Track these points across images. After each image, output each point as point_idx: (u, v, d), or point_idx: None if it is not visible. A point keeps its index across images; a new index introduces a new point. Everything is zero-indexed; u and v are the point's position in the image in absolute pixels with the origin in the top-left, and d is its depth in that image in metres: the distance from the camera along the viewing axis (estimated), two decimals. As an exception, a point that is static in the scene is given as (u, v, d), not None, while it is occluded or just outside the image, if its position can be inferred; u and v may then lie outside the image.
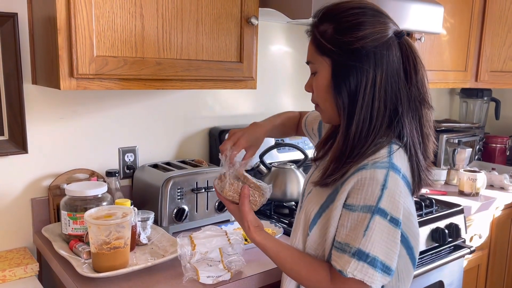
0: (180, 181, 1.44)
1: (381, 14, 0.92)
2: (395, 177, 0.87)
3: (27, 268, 1.32)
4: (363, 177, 0.87)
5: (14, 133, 1.38)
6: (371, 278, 0.86)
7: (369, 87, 0.88)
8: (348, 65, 0.89)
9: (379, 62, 0.88)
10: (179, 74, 1.32)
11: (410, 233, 0.96)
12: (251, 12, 1.43)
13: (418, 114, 0.93)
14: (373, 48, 0.88)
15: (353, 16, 0.89)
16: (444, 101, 2.91)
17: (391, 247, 0.87)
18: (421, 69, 0.93)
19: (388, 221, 0.86)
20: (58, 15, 1.10)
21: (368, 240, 0.86)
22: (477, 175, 2.05)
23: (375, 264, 0.86)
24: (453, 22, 2.15)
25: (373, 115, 0.89)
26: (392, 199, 0.86)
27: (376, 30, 0.88)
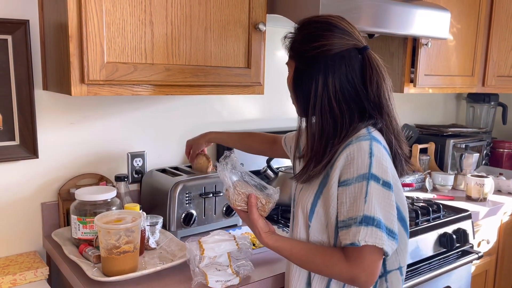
0: (188, 186, 1.45)
1: (343, 29, 1.01)
2: (378, 146, 0.96)
3: (37, 272, 1.33)
4: (351, 151, 0.95)
5: (25, 138, 1.40)
6: (381, 240, 0.91)
7: (319, 90, 0.99)
8: (303, 70, 1.03)
9: (329, 70, 0.98)
10: (188, 80, 1.33)
11: (401, 202, 1.03)
12: (259, 19, 1.44)
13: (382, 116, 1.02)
14: (323, 58, 0.99)
15: (313, 28, 1.02)
16: (451, 106, 2.91)
17: (389, 209, 0.94)
18: (378, 79, 1.00)
19: (381, 185, 0.93)
20: (70, 23, 1.12)
21: (370, 204, 0.92)
22: (484, 180, 2.05)
23: (380, 226, 0.91)
24: (459, 27, 2.16)
25: (335, 112, 0.99)
26: (380, 165, 0.94)
27: (330, 43, 0.99)
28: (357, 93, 1.00)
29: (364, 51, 1.01)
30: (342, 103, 0.99)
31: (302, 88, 1.03)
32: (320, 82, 0.99)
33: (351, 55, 1.00)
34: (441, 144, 2.41)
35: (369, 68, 1.00)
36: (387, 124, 1.03)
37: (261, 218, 1.08)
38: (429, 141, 2.42)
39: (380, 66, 1.02)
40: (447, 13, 1.80)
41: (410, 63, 2.02)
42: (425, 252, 1.64)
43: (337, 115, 0.99)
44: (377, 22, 1.56)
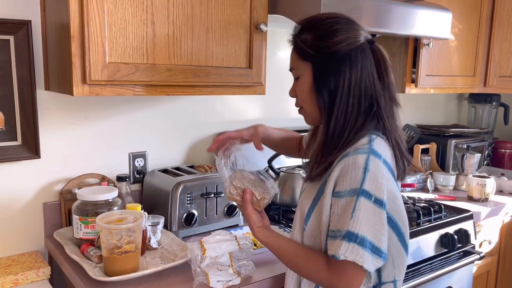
0: (189, 186, 1.45)
1: (353, 22, 1.02)
2: (376, 161, 0.93)
3: (39, 271, 1.33)
4: (346, 164, 0.94)
5: (27, 139, 1.40)
6: (362, 258, 0.90)
7: (346, 86, 0.97)
8: (327, 67, 0.99)
9: (354, 63, 0.97)
10: (189, 80, 1.33)
11: (399, 218, 1.00)
12: (261, 19, 1.44)
13: (391, 110, 1.03)
14: (348, 51, 0.97)
15: (328, 24, 1.00)
16: (452, 106, 2.91)
17: (378, 227, 0.92)
18: (391, 72, 1.03)
19: (372, 202, 0.92)
20: (72, 23, 1.13)
21: (355, 221, 0.91)
22: (486, 181, 2.04)
23: (364, 243, 0.90)
24: (461, 28, 2.15)
25: (348, 111, 0.98)
26: (375, 181, 0.92)
27: (350, 36, 0.98)
28: (374, 87, 0.99)
29: (373, 43, 1.01)
30: (356, 98, 0.98)
31: (329, 86, 0.98)
32: (347, 77, 0.97)
33: (367, 48, 1.00)
34: (443, 145, 2.41)
35: (382, 60, 1.01)
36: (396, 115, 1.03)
37: (255, 212, 1.09)
38: (430, 141, 2.42)
39: (388, 58, 1.03)
40: (448, 13, 1.80)
41: (411, 63, 2.01)
42: (426, 253, 1.64)
43: (348, 112, 0.98)
44: (379, 22, 1.56)
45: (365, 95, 0.99)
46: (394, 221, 0.99)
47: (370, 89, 0.99)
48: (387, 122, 1.01)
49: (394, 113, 1.03)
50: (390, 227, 0.98)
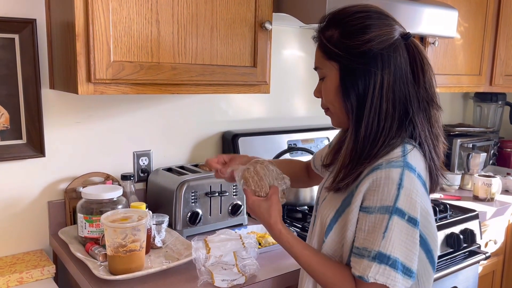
0: (194, 185, 1.45)
1: (387, 16, 0.93)
2: (411, 176, 0.86)
3: (43, 270, 1.34)
4: (378, 177, 0.86)
5: (32, 137, 1.41)
6: (393, 281, 0.85)
7: (377, 89, 0.89)
8: (355, 68, 0.90)
9: (386, 64, 0.89)
10: (194, 79, 1.33)
11: (429, 235, 0.94)
12: (265, 17, 1.44)
13: (427, 115, 0.93)
14: (380, 50, 0.88)
15: (358, 20, 0.90)
16: (457, 105, 2.89)
17: (410, 248, 0.86)
18: (429, 69, 0.93)
19: (406, 221, 0.85)
20: (77, 22, 1.13)
21: (388, 241, 0.84)
22: (492, 180, 2.03)
23: (396, 266, 0.85)
24: (467, 26, 2.14)
25: (382, 116, 0.90)
26: (409, 198, 0.85)
27: (382, 33, 0.89)
28: (408, 90, 0.90)
29: (409, 38, 0.92)
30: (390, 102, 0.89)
31: (358, 89, 0.90)
32: (379, 78, 0.88)
33: (401, 45, 0.91)
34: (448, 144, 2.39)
35: (419, 57, 0.91)
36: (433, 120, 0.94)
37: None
38: (435, 140, 2.40)
39: (426, 54, 0.94)
40: (454, 11, 1.78)
41: (417, 62, 2.00)
42: (431, 252, 1.63)
43: (382, 118, 0.89)
44: (384, 21, 1.55)
45: (399, 99, 0.90)
46: (423, 238, 0.92)
47: (404, 92, 0.90)
48: (423, 129, 0.92)
49: (431, 118, 0.94)
50: (420, 244, 0.91)
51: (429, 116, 0.94)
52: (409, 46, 0.92)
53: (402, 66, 0.90)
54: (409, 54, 0.92)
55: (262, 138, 1.85)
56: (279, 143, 1.90)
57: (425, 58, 0.93)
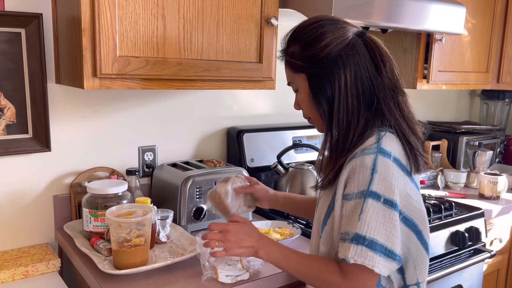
0: (199, 181, 1.45)
1: (338, 21, 1.00)
2: (385, 160, 0.91)
3: (49, 264, 1.34)
4: (354, 166, 0.92)
5: (38, 132, 1.41)
6: (371, 261, 0.88)
7: (342, 88, 0.95)
8: (320, 74, 0.97)
9: (346, 63, 0.95)
10: (200, 74, 1.33)
11: (415, 216, 0.96)
12: (271, 13, 1.43)
13: (395, 101, 0.98)
14: (338, 52, 0.95)
15: (312, 30, 0.98)
16: (464, 102, 2.87)
17: (389, 229, 0.89)
18: (388, 60, 0.98)
19: (382, 203, 0.89)
20: (83, 16, 1.13)
21: (363, 223, 0.88)
22: (498, 178, 2.02)
23: (373, 247, 0.88)
24: (474, 23, 2.12)
25: (349, 112, 0.96)
26: (384, 181, 0.89)
27: (336, 36, 0.96)
28: (372, 82, 0.96)
29: (364, 35, 0.98)
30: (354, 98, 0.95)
31: (325, 93, 0.97)
32: (342, 79, 0.95)
33: (358, 42, 0.97)
34: (454, 141, 2.38)
35: (377, 50, 0.97)
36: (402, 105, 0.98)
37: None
38: (441, 138, 2.40)
39: (384, 46, 0.99)
40: (462, 8, 1.77)
41: (423, 59, 1.99)
42: (436, 250, 1.63)
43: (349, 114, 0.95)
44: (391, 17, 1.54)
45: (364, 92, 0.96)
46: (410, 220, 0.95)
47: (368, 85, 0.96)
48: (392, 115, 0.97)
49: (400, 104, 0.99)
50: (408, 226, 0.95)
51: (397, 102, 0.99)
52: (366, 42, 0.98)
53: (362, 61, 0.96)
54: (368, 49, 0.97)
55: (267, 134, 1.85)
56: (284, 139, 1.90)
57: (383, 50, 0.98)
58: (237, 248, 1.02)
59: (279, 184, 1.74)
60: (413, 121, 1.01)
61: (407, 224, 0.95)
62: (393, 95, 0.98)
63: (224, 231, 1.03)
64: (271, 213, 1.65)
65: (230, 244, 1.02)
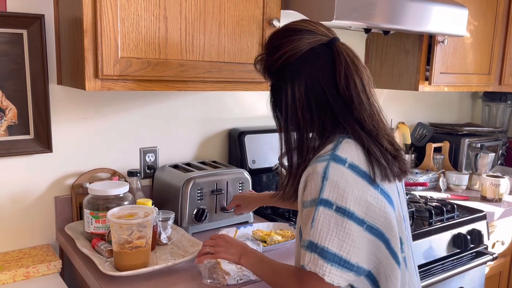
0: (200, 182, 1.45)
1: (300, 30, 0.96)
2: (337, 167, 0.88)
3: (50, 265, 1.34)
4: (308, 174, 0.91)
5: (39, 133, 1.41)
6: (322, 270, 0.85)
7: (289, 101, 0.95)
8: (273, 85, 1.01)
9: (296, 77, 0.95)
10: (201, 76, 1.33)
11: (380, 224, 0.90)
12: (273, 14, 1.43)
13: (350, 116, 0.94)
14: (288, 66, 0.95)
15: (271, 41, 1.00)
16: (466, 104, 2.87)
17: (343, 238, 0.86)
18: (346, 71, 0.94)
19: (334, 210, 0.86)
20: (85, 17, 1.13)
21: (315, 231, 0.87)
22: (500, 181, 2.01)
23: (325, 255, 0.86)
24: (477, 25, 2.12)
25: (299, 123, 0.96)
26: (336, 189, 0.87)
27: (289, 49, 0.95)
28: (326, 93, 0.93)
29: (332, 44, 0.95)
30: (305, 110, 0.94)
31: (277, 104, 1.00)
32: (289, 92, 0.95)
33: (317, 53, 0.94)
34: (456, 143, 2.37)
35: (338, 61, 0.94)
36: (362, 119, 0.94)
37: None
38: (443, 140, 2.39)
39: (350, 56, 0.95)
40: (464, 10, 1.76)
41: (425, 60, 1.99)
42: (438, 253, 1.62)
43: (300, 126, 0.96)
44: (393, 19, 1.54)
45: (318, 104, 0.94)
46: (375, 228, 0.90)
47: (323, 97, 0.94)
48: (350, 126, 0.93)
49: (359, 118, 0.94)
50: (374, 235, 0.90)
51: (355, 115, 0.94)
52: (332, 52, 0.95)
53: (316, 74, 0.94)
54: (333, 58, 0.94)
55: (269, 135, 1.85)
56: (285, 141, 1.89)
57: (344, 60, 0.94)
58: (224, 253, 1.10)
59: (280, 186, 1.73)
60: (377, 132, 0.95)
61: (373, 233, 0.89)
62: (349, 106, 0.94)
63: (217, 239, 1.13)
64: (272, 215, 1.65)
65: (220, 249, 1.10)
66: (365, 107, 0.95)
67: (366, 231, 0.88)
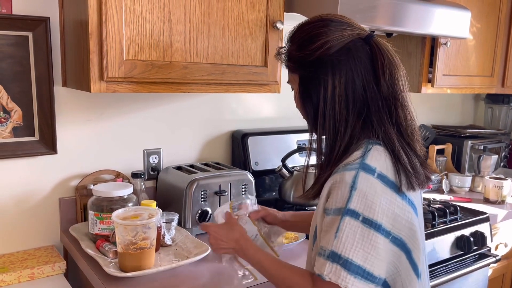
0: (203, 184, 1.45)
1: (340, 22, 0.93)
2: (367, 177, 0.85)
3: (54, 266, 1.35)
4: (334, 181, 0.88)
5: (44, 134, 1.42)
6: (344, 281, 0.83)
7: (329, 95, 0.91)
8: (309, 77, 0.94)
9: (337, 68, 0.90)
10: (205, 78, 1.33)
11: (404, 234, 0.89)
12: (277, 17, 1.44)
13: (391, 113, 0.92)
14: (329, 57, 0.90)
15: (306, 31, 0.94)
16: (468, 106, 2.87)
17: (368, 250, 0.84)
18: (391, 68, 0.91)
19: (360, 222, 0.84)
20: (90, 20, 1.13)
21: (339, 241, 0.84)
22: (503, 183, 2.01)
23: (348, 267, 0.83)
24: (479, 27, 2.12)
25: (335, 120, 0.91)
26: (364, 200, 0.84)
27: (330, 39, 0.90)
28: (365, 90, 0.90)
29: (370, 38, 0.92)
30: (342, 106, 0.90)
31: (312, 97, 0.93)
32: (329, 84, 0.90)
33: (357, 46, 0.91)
34: (459, 145, 2.37)
35: (380, 56, 0.90)
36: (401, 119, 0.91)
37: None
38: (446, 142, 2.39)
39: (391, 52, 0.93)
40: (467, 12, 1.77)
41: (428, 63, 1.99)
42: (441, 255, 1.62)
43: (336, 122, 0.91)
44: (395, 21, 1.54)
45: (355, 100, 0.90)
46: (399, 239, 0.88)
47: (361, 93, 0.90)
48: (381, 126, 0.90)
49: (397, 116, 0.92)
50: (397, 246, 0.88)
51: (393, 114, 0.92)
52: (371, 47, 0.92)
53: (357, 68, 0.90)
54: (372, 53, 0.92)
55: (272, 137, 1.86)
56: (288, 142, 1.90)
57: (388, 57, 0.92)
58: (217, 249, 1.08)
59: (283, 188, 1.74)
60: (412, 136, 0.94)
61: (396, 244, 0.88)
62: (389, 106, 0.91)
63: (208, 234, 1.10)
64: (275, 216, 1.65)
65: (212, 246, 1.09)
66: (407, 105, 0.93)
67: (391, 243, 0.87)
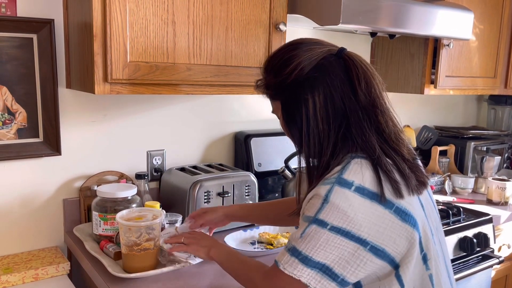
0: (207, 185, 1.46)
1: (308, 43, 0.96)
2: (341, 191, 0.85)
3: (58, 267, 1.35)
4: (313, 194, 0.89)
5: (49, 135, 1.43)
6: (300, 272, 0.85)
7: (311, 114, 0.92)
8: (290, 101, 0.96)
9: (314, 86, 0.92)
10: (208, 80, 1.34)
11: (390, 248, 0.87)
12: (280, 19, 1.44)
13: (372, 121, 0.92)
14: (305, 76, 0.92)
15: (279, 57, 0.97)
16: (471, 107, 2.87)
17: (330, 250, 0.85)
18: (365, 77, 0.93)
19: (328, 230, 0.85)
20: (94, 22, 1.14)
21: (303, 241, 0.87)
22: (506, 184, 2.01)
23: (307, 262, 0.85)
24: (482, 28, 2.12)
25: (320, 137, 0.93)
26: (336, 211, 0.85)
27: (302, 59, 0.93)
28: (344, 103, 0.91)
29: (342, 52, 0.94)
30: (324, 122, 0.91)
31: (296, 120, 0.94)
32: (310, 102, 0.91)
33: (330, 62, 0.93)
34: (461, 147, 2.37)
35: (354, 67, 0.92)
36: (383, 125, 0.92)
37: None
38: (449, 143, 2.39)
39: (365, 62, 0.95)
40: (470, 13, 1.77)
41: (431, 64, 1.99)
42: (444, 256, 1.62)
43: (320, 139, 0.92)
44: (398, 23, 1.55)
45: (335, 115, 0.91)
46: (382, 251, 0.86)
47: (341, 106, 0.91)
48: (363, 137, 0.90)
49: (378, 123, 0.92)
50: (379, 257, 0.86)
51: (377, 122, 0.92)
52: (344, 61, 0.93)
53: (334, 82, 0.92)
54: (346, 66, 0.93)
55: (275, 139, 1.86)
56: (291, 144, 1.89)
57: (361, 68, 0.93)
58: (196, 245, 1.14)
59: (286, 189, 1.74)
60: (397, 141, 0.93)
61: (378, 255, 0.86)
62: (369, 114, 0.92)
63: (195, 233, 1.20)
64: (278, 217, 1.66)
65: (192, 241, 1.15)
66: (387, 112, 0.94)
67: (369, 252, 0.86)
